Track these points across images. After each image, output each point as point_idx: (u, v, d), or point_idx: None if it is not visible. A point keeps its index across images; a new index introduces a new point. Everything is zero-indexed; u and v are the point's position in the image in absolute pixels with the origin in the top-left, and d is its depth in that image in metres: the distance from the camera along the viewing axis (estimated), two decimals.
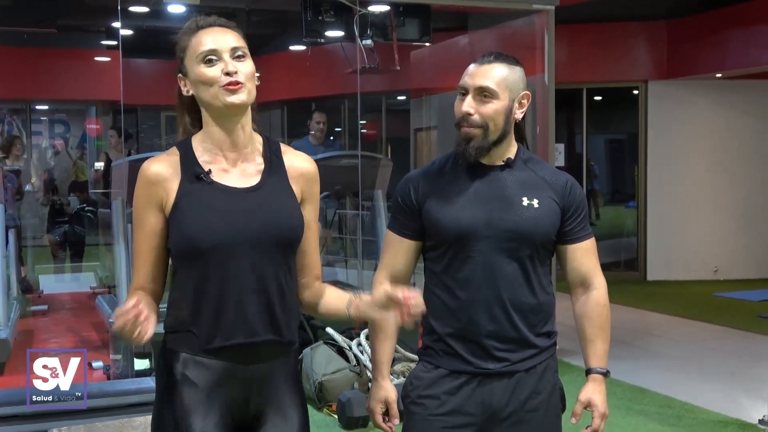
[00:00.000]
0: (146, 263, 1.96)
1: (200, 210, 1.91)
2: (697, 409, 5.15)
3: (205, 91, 1.93)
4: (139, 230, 1.96)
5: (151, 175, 1.94)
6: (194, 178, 1.93)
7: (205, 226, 1.91)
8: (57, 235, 10.88)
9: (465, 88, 2.23)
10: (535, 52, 6.59)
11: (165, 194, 1.93)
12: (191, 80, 1.96)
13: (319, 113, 7.87)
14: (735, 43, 9.21)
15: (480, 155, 2.23)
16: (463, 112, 2.21)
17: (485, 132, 2.20)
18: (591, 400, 2.29)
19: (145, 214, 1.94)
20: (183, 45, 1.97)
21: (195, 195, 1.92)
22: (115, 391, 4.62)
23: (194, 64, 1.94)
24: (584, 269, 2.34)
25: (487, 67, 2.22)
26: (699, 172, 10.29)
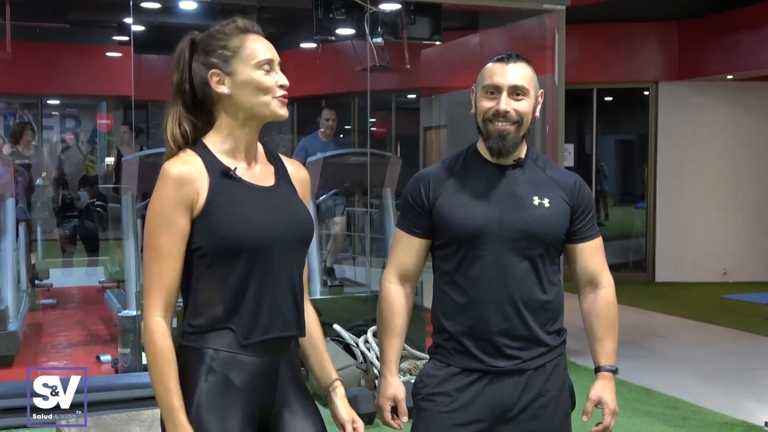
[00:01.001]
0: (174, 266, 1.90)
1: (239, 207, 1.92)
2: (703, 411, 5.15)
3: (254, 96, 1.94)
4: (167, 232, 1.88)
5: (180, 176, 1.88)
6: (223, 177, 1.93)
7: (248, 222, 1.92)
8: (67, 229, 10.95)
9: (497, 87, 2.24)
10: (546, 52, 6.59)
11: (196, 194, 1.89)
12: (237, 81, 1.94)
13: (329, 110, 7.89)
14: (746, 44, 9.18)
15: (513, 151, 2.26)
16: (502, 110, 2.23)
17: (518, 128, 2.24)
18: (601, 397, 2.30)
19: (175, 215, 1.87)
20: (233, 44, 1.95)
21: (228, 193, 1.92)
22: (123, 385, 4.67)
23: (248, 68, 1.94)
24: (592, 268, 2.36)
25: (515, 65, 2.25)
26: (709, 173, 10.27)
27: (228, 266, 1.92)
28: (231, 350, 1.92)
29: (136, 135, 8.74)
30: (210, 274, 1.91)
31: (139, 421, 3.34)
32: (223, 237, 1.90)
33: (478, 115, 2.29)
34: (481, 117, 2.27)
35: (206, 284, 1.92)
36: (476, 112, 2.31)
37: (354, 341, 5.41)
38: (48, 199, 11.53)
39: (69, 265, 10.63)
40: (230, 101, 1.95)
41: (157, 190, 1.89)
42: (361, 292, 7.08)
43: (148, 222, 1.90)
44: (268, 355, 1.97)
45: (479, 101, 2.28)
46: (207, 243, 1.90)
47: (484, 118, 2.26)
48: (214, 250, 1.90)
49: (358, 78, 8.49)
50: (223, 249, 1.91)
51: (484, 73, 2.30)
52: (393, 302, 2.36)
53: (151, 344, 1.87)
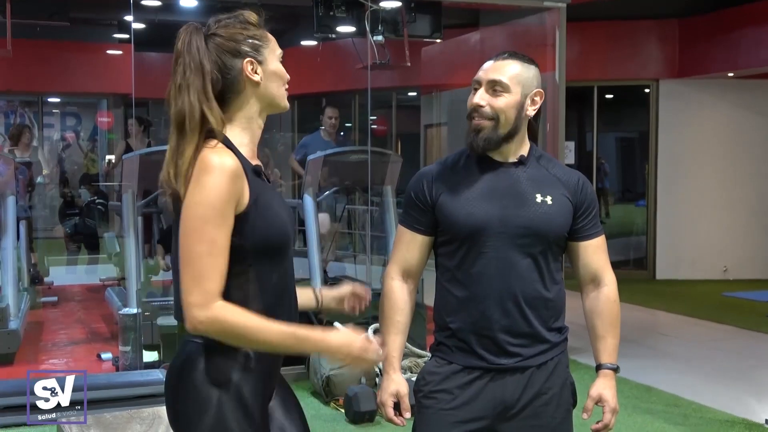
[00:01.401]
0: (225, 260, 1.83)
1: (275, 207, 1.94)
2: (704, 409, 5.15)
3: (278, 87, 1.98)
4: (222, 226, 1.82)
5: (235, 170, 1.84)
6: (255, 175, 1.92)
7: (286, 222, 1.96)
8: (68, 227, 10.95)
9: (478, 82, 2.27)
10: (546, 50, 6.58)
11: (242, 190, 1.87)
12: (268, 70, 1.96)
13: (331, 108, 7.89)
14: (747, 42, 9.17)
15: (488, 147, 2.25)
16: (475, 103, 2.25)
17: (495, 124, 2.24)
18: (602, 395, 2.31)
19: (229, 209, 1.83)
20: (260, 34, 1.97)
21: (263, 192, 1.92)
22: (124, 383, 4.67)
23: (275, 59, 1.98)
24: (595, 266, 2.36)
25: (501, 62, 2.27)
26: (709, 171, 10.26)
27: (270, 265, 1.93)
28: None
29: (144, 129, 8.73)
30: (248, 273, 1.89)
31: (140, 419, 3.34)
32: (273, 236, 1.91)
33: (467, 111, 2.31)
34: (467, 114, 2.29)
35: (242, 283, 1.89)
36: None
37: None
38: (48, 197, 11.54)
39: (70, 263, 10.63)
40: (256, 91, 1.95)
41: (210, 182, 1.81)
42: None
43: (199, 213, 1.81)
44: None
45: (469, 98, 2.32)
46: (254, 241, 1.88)
47: (467, 115, 2.29)
48: (262, 248, 1.90)
49: (359, 76, 8.48)
50: (271, 248, 1.92)
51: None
52: (395, 299, 2.36)
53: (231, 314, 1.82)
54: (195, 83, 1.89)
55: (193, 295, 1.80)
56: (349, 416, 4.81)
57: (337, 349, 1.93)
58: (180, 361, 1.94)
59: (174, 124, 1.91)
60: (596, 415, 2.31)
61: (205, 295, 1.80)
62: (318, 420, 4.82)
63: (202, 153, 1.85)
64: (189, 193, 1.83)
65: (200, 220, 1.81)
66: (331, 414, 4.96)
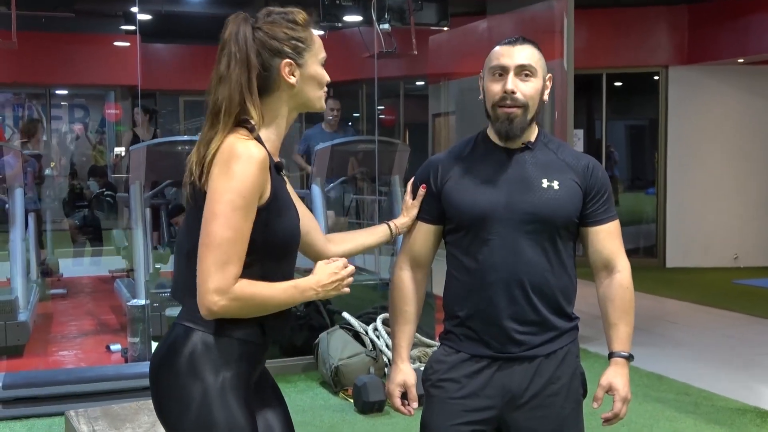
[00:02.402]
0: (245, 249, 1.84)
1: (290, 204, 1.97)
2: (714, 397, 5.12)
3: (315, 90, 1.99)
4: (248, 215, 1.82)
5: (264, 160, 1.84)
6: (276, 171, 1.94)
7: (297, 224, 1.98)
8: (76, 219, 10.98)
9: (504, 68, 2.22)
10: (555, 37, 6.54)
11: (266, 182, 1.87)
12: (306, 74, 1.96)
13: (333, 100, 7.86)
14: (757, 27, 9.09)
15: (519, 135, 2.24)
16: (509, 89, 2.20)
17: (525, 111, 2.22)
18: (612, 383, 2.27)
19: (255, 199, 1.83)
20: (305, 36, 1.97)
21: (282, 188, 1.95)
22: (132, 374, 4.67)
23: (315, 63, 1.98)
24: (607, 252, 2.32)
25: (521, 47, 2.24)
26: (720, 158, 10.20)
27: (275, 263, 1.93)
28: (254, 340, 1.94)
29: (149, 118, 8.74)
30: (253, 267, 1.87)
31: (148, 410, 3.33)
32: (286, 235, 1.93)
33: (487, 99, 2.26)
34: (490, 102, 2.24)
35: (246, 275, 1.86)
36: (485, 97, 2.28)
37: (363, 329, 5.41)
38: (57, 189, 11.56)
39: (79, 255, 10.66)
40: (290, 92, 1.96)
41: (240, 170, 1.81)
42: (371, 279, 7.07)
43: (227, 197, 1.80)
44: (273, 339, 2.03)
45: (487, 85, 2.27)
46: (266, 237, 1.88)
47: (492, 103, 2.24)
48: (272, 245, 1.90)
49: (366, 65, 8.45)
50: (281, 246, 1.93)
51: (491, 56, 2.28)
52: (404, 289, 2.35)
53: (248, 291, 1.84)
54: (239, 76, 1.89)
55: (214, 280, 1.80)
56: (358, 406, 4.80)
57: (319, 286, 1.95)
58: (166, 345, 1.94)
59: (209, 113, 1.92)
60: (607, 404, 2.28)
61: (227, 282, 1.81)
62: (327, 410, 4.82)
63: (231, 141, 1.84)
64: (216, 180, 1.82)
65: (229, 206, 1.80)
66: (340, 404, 4.96)
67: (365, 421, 4.66)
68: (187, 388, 1.86)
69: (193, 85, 13.48)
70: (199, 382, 1.86)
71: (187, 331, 1.90)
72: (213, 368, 1.87)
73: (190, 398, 1.86)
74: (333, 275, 1.96)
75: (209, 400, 1.85)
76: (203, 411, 1.85)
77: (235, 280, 1.82)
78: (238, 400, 1.89)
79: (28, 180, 7.68)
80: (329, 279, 1.96)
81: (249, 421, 1.90)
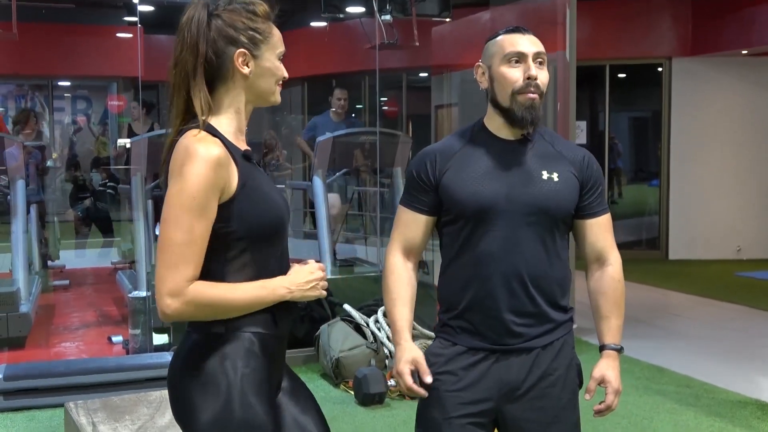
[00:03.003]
0: (201, 252, 1.84)
1: (266, 190, 1.95)
2: (716, 389, 5.12)
3: (269, 82, 1.97)
4: (200, 217, 1.81)
5: (218, 159, 1.83)
6: (244, 160, 1.92)
7: (278, 204, 1.96)
8: (79, 210, 10.98)
9: (522, 54, 2.20)
10: (557, 29, 6.52)
11: (228, 179, 1.86)
12: (261, 66, 1.95)
13: (341, 90, 7.85)
14: (761, 18, 9.05)
15: (538, 122, 2.23)
16: (533, 74, 2.18)
17: (541, 99, 2.22)
18: (605, 376, 2.27)
19: (210, 199, 1.83)
20: (264, 28, 1.95)
21: (253, 176, 1.92)
22: (133, 366, 4.68)
23: (272, 56, 1.97)
24: (600, 245, 2.32)
25: (530, 36, 2.24)
26: (723, 150, 10.17)
27: (266, 248, 1.94)
28: (267, 331, 1.93)
29: (147, 111, 8.71)
30: (245, 258, 1.90)
31: (147, 402, 3.34)
32: (265, 219, 1.92)
33: (503, 87, 2.21)
34: (509, 89, 2.20)
35: (241, 268, 1.90)
36: (495, 85, 2.23)
37: (364, 321, 5.40)
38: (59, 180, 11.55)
39: (82, 247, 10.66)
40: (244, 83, 1.94)
41: (193, 171, 1.80)
42: (372, 271, 7.07)
43: (178, 200, 1.80)
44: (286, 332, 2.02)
45: (501, 72, 2.22)
46: (246, 226, 1.89)
47: (513, 90, 2.20)
48: (255, 232, 1.90)
49: (369, 56, 8.43)
50: (264, 231, 1.92)
51: (501, 43, 2.24)
52: (399, 273, 2.32)
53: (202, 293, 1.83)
54: (186, 62, 1.89)
55: (166, 283, 1.80)
56: (359, 398, 4.80)
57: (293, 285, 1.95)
58: (182, 355, 1.93)
59: (168, 98, 1.94)
60: (599, 396, 2.28)
61: (178, 284, 1.80)
62: (328, 402, 4.82)
63: (187, 142, 1.84)
64: (170, 183, 1.83)
65: (180, 209, 1.80)
66: (341, 396, 4.96)
67: (366, 414, 4.67)
68: (207, 387, 1.86)
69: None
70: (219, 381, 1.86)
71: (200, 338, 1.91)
72: (231, 366, 1.87)
73: (210, 398, 1.85)
74: (310, 275, 1.97)
75: (230, 398, 1.85)
76: (225, 409, 1.85)
77: (189, 282, 1.81)
78: (259, 397, 1.88)
79: (30, 171, 7.68)
80: (305, 278, 1.97)
81: (269, 419, 1.89)
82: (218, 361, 1.87)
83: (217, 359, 1.87)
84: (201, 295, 1.82)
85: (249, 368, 1.88)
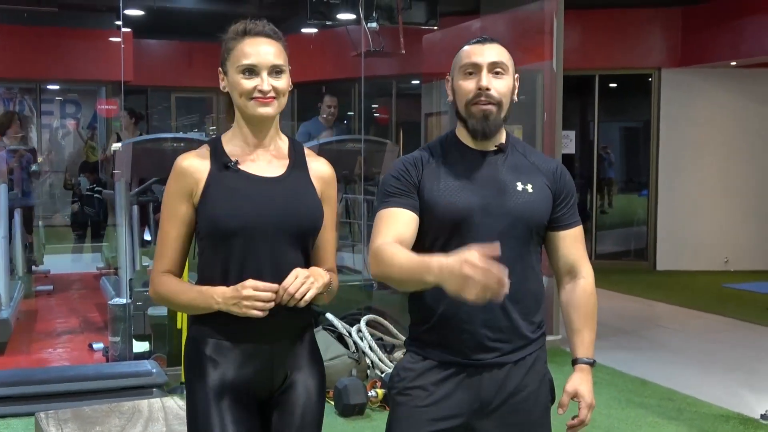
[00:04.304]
0: (172, 250, 2.11)
1: (228, 194, 2.06)
2: (698, 403, 5.09)
3: (235, 96, 2.09)
4: (169, 219, 2.10)
5: (183, 168, 2.09)
6: (223, 167, 2.08)
7: (232, 208, 2.05)
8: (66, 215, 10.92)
9: (476, 65, 2.18)
10: (545, 38, 6.50)
11: (195, 184, 2.07)
12: (229, 82, 2.11)
13: (330, 97, 7.82)
14: (750, 30, 9.06)
15: (493, 134, 2.20)
16: (483, 86, 2.16)
17: (499, 109, 2.18)
18: (578, 390, 2.23)
19: (176, 204, 2.09)
20: (228, 47, 2.10)
21: (223, 182, 2.07)
22: (111, 374, 4.63)
23: (233, 72, 2.08)
24: (572, 257, 2.29)
25: (491, 45, 2.21)
26: (711, 161, 10.17)
27: (217, 248, 2.07)
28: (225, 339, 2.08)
29: (135, 122, 8.66)
30: (206, 256, 2.10)
31: (120, 412, 3.28)
32: (208, 222, 2.05)
33: (459, 98, 2.22)
34: (463, 100, 2.20)
35: (206, 265, 2.10)
36: (455, 97, 2.24)
37: (347, 330, 5.36)
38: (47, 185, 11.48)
39: (68, 251, 10.60)
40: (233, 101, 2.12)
41: (167, 182, 2.11)
42: (356, 280, 7.03)
43: (162, 207, 2.14)
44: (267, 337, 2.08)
45: (458, 84, 2.22)
46: (202, 226, 2.09)
47: (466, 102, 2.19)
48: (207, 232, 2.08)
49: (358, 64, 8.42)
50: (209, 232, 2.07)
51: (460, 55, 2.24)
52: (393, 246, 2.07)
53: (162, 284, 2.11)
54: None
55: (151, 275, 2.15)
56: (339, 409, 4.76)
57: (221, 298, 2.03)
58: None
59: None
60: (573, 410, 2.25)
61: (153, 275, 2.13)
62: None
63: None
64: None
65: (161, 213, 2.13)
66: None
67: (346, 424, 4.63)
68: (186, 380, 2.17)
69: (185, 82, 13.44)
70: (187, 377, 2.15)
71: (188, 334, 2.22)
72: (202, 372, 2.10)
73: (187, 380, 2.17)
74: (235, 292, 2.01)
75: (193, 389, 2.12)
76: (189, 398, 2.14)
77: (159, 273, 2.11)
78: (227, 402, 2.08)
79: (14, 176, 7.63)
80: (231, 294, 2.01)
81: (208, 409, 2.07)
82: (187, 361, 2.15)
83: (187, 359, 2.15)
84: (160, 287, 2.11)
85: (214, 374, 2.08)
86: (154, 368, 4.62)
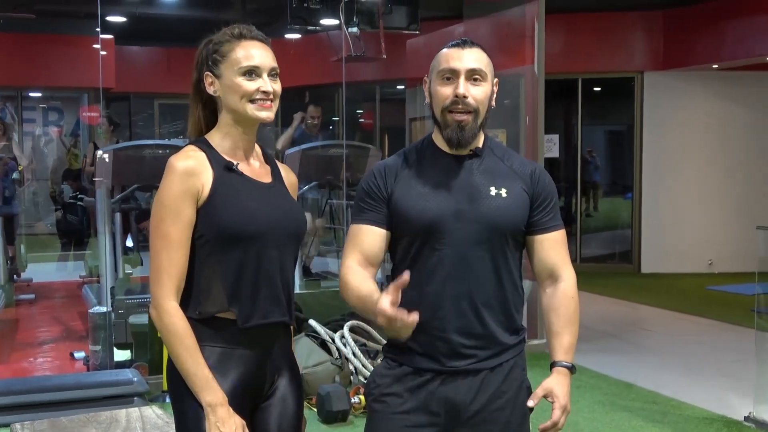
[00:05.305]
0: (184, 253, 1.99)
1: (240, 198, 2.04)
2: (683, 405, 5.08)
3: (237, 100, 2.05)
4: (176, 222, 1.98)
5: (186, 168, 2.00)
6: (226, 170, 2.05)
7: (248, 212, 2.03)
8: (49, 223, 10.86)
9: (454, 71, 2.15)
10: (526, 42, 6.50)
11: (201, 186, 2.00)
12: (223, 84, 2.06)
13: (315, 107, 7.83)
14: (731, 33, 9.11)
15: (470, 142, 2.17)
16: (460, 94, 2.14)
17: (476, 117, 2.16)
18: (552, 390, 2.17)
19: (182, 205, 1.98)
20: (223, 49, 2.07)
21: (230, 185, 2.03)
22: (89, 383, 4.57)
23: (233, 73, 2.05)
24: (552, 261, 2.26)
25: (470, 50, 2.17)
26: (695, 163, 10.21)
27: (227, 253, 2.02)
28: (227, 345, 2.03)
29: (113, 129, 8.61)
30: (210, 261, 2.02)
31: (97, 422, 3.25)
32: (225, 224, 2.00)
33: (436, 104, 2.19)
34: (440, 106, 2.18)
35: (207, 271, 2.02)
36: (432, 101, 2.21)
37: (330, 337, 5.33)
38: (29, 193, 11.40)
39: (51, 260, 10.54)
40: (221, 103, 2.08)
41: (165, 183, 1.99)
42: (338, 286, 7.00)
43: (156, 212, 2.00)
44: (262, 343, 2.07)
45: (435, 89, 2.19)
46: (209, 230, 2.01)
47: (442, 108, 2.17)
48: (215, 236, 2.01)
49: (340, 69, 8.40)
50: (223, 236, 2.01)
51: (439, 59, 2.21)
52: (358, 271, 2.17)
53: (172, 326, 1.98)
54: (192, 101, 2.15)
55: (154, 292, 2.00)
56: (321, 416, 4.73)
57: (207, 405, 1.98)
58: None
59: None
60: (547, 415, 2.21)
61: (159, 299, 1.98)
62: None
63: (170, 157, 2.03)
64: None
65: (158, 217, 1.99)
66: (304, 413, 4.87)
67: (329, 431, 4.60)
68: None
69: (168, 88, 13.36)
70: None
71: None
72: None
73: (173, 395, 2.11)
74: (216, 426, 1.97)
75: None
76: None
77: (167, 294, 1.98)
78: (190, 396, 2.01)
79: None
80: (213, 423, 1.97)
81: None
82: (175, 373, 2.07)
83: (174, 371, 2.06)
84: (166, 328, 1.99)
85: None
86: (135, 377, 4.56)
